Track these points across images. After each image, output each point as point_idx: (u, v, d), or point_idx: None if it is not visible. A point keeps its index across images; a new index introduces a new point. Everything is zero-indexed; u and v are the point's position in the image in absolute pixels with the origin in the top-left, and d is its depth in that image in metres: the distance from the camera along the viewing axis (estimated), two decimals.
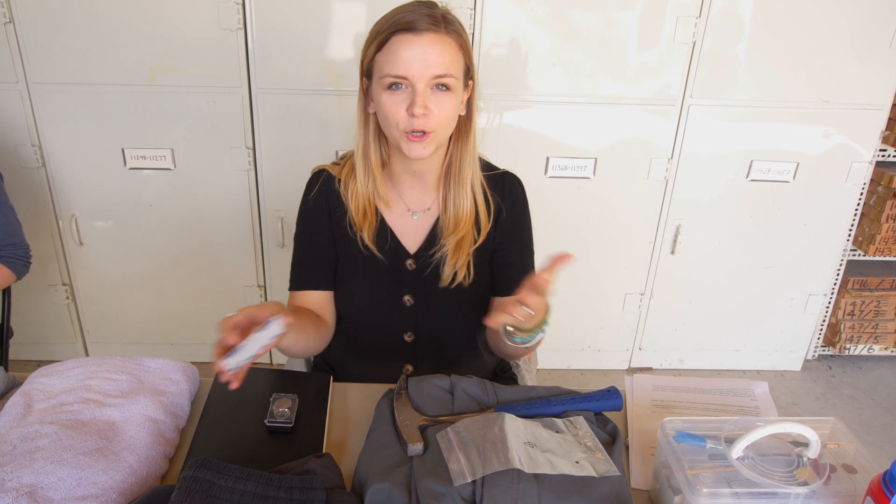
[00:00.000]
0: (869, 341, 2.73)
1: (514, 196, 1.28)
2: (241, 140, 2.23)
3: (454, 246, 1.21)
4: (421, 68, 1.05)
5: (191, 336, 2.55)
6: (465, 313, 1.28)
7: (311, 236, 1.26)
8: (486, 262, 1.27)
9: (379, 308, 1.28)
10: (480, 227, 1.23)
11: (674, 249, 2.47)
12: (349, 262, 1.26)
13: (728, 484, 0.84)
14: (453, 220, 1.22)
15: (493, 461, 0.86)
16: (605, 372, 2.71)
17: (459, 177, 1.20)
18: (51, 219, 2.33)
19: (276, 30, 2.07)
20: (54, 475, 0.83)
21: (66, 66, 2.10)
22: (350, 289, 1.28)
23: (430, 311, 1.28)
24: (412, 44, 1.05)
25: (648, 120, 2.26)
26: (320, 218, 1.26)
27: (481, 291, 1.28)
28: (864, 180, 2.41)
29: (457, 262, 1.22)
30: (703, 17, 2.12)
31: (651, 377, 1.20)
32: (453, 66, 1.08)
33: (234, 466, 0.82)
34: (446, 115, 1.10)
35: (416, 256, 1.25)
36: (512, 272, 1.27)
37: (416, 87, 1.06)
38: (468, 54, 1.13)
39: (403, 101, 1.08)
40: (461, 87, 1.12)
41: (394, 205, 1.25)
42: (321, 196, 1.25)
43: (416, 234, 1.26)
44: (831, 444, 0.94)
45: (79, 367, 1.08)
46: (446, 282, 1.23)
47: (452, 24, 1.09)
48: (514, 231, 1.28)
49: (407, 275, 1.26)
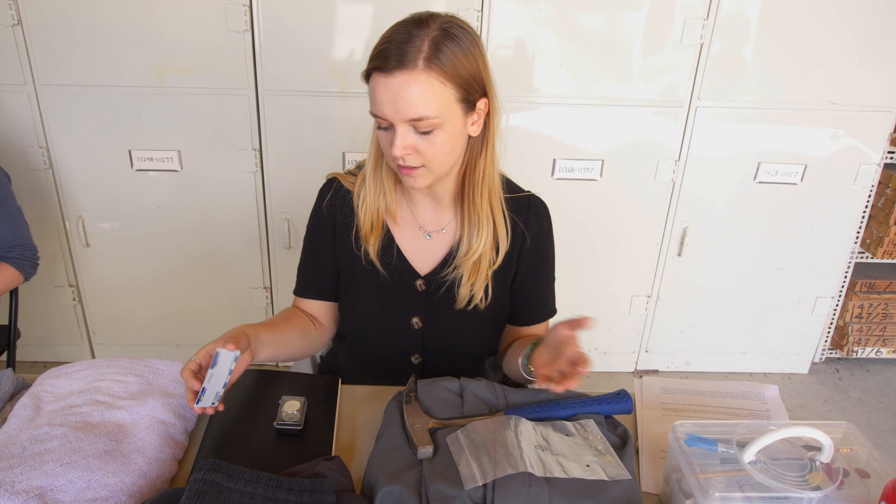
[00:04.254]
0: (877, 344, 2.71)
1: (539, 224, 1.22)
2: (248, 142, 2.23)
3: (471, 268, 1.17)
4: (393, 112, 0.99)
5: (197, 338, 2.55)
6: (476, 337, 1.26)
7: (315, 247, 1.25)
8: (505, 287, 1.23)
9: (384, 329, 1.25)
10: (499, 249, 1.18)
11: (681, 251, 2.47)
12: (352, 278, 1.24)
13: (740, 488, 0.84)
14: (468, 242, 1.16)
15: (503, 464, 0.85)
16: (612, 374, 2.70)
17: (473, 196, 1.14)
18: (57, 220, 2.33)
19: (283, 31, 2.08)
20: (64, 477, 0.83)
21: (74, 68, 2.10)
22: (352, 306, 1.26)
23: (440, 334, 1.25)
24: (384, 85, 0.98)
25: (656, 122, 2.26)
26: (325, 231, 1.23)
27: (496, 316, 1.26)
28: (873, 182, 2.40)
29: (474, 284, 1.18)
30: (710, 18, 2.11)
31: (660, 380, 1.20)
32: (432, 105, 0.99)
33: (244, 469, 0.82)
34: (436, 152, 1.04)
35: (428, 278, 1.21)
36: (532, 303, 1.27)
37: (396, 128, 1.01)
38: (463, 80, 1.01)
39: (389, 138, 1.03)
40: (456, 117, 1.03)
41: (405, 223, 1.21)
42: (329, 208, 1.22)
43: (429, 254, 1.22)
44: (844, 449, 0.93)
45: (87, 368, 1.08)
46: (462, 303, 1.20)
47: (441, 52, 0.98)
48: (538, 261, 1.24)
49: (416, 296, 1.22)
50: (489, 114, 1.10)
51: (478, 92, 1.06)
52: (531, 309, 1.27)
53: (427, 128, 1.01)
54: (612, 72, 2.18)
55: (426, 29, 0.99)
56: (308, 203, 1.27)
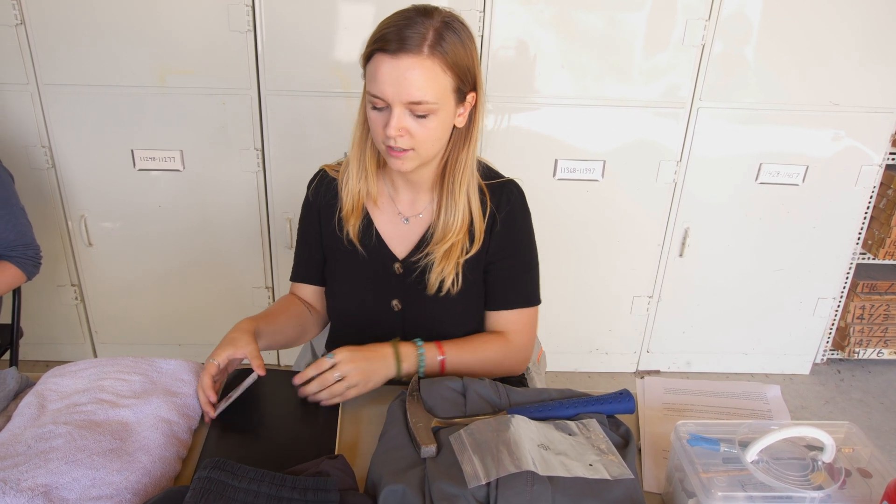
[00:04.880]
0: (878, 345, 2.71)
1: (509, 206, 1.23)
2: (250, 141, 2.23)
3: (442, 255, 1.19)
4: (395, 93, 1.03)
5: (199, 337, 2.56)
6: (454, 322, 1.26)
7: (304, 234, 1.32)
8: (479, 273, 1.25)
9: (366, 311, 1.28)
10: (475, 236, 1.20)
11: (682, 252, 2.47)
12: (334, 260, 1.29)
13: (742, 488, 0.84)
14: (442, 229, 1.19)
15: (506, 463, 0.86)
16: (613, 375, 2.70)
17: (453, 185, 1.18)
18: (60, 219, 2.33)
19: (286, 32, 2.08)
20: (69, 475, 0.84)
21: (77, 68, 2.11)
22: (335, 289, 1.30)
23: (419, 317, 1.27)
24: (388, 66, 1.02)
25: (657, 122, 2.26)
26: (311, 217, 1.30)
27: (471, 301, 1.26)
28: (874, 183, 2.40)
29: (443, 270, 1.19)
30: (712, 19, 2.11)
31: (662, 380, 1.20)
32: (432, 91, 1.04)
33: (248, 467, 0.82)
34: (427, 137, 1.08)
35: (404, 261, 1.24)
36: (503, 287, 1.26)
37: (393, 108, 1.04)
38: (461, 71, 1.07)
39: (383, 119, 1.07)
40: (449, 106, 1.08)
41: (385, 207, 1.25)
42: (314, 194, 1.29)
43: (405, 239, 1.25)
44: (846, 448, 0.93)
45: (91, 367, 1.08)
46: (432, 289, 1.22)
47: (443, 42, 1.03)
48: (507, 244, 1.24)
49: (394, 279, 1.25)
50: (475, 108, 1.15)
51: (469, 85, 1.11)
52: (503, 292, 1.26)
53: (423, 112, 1.05)
54: (614, 72, 2.18)
55: (430, 19, 1.04)
56: None
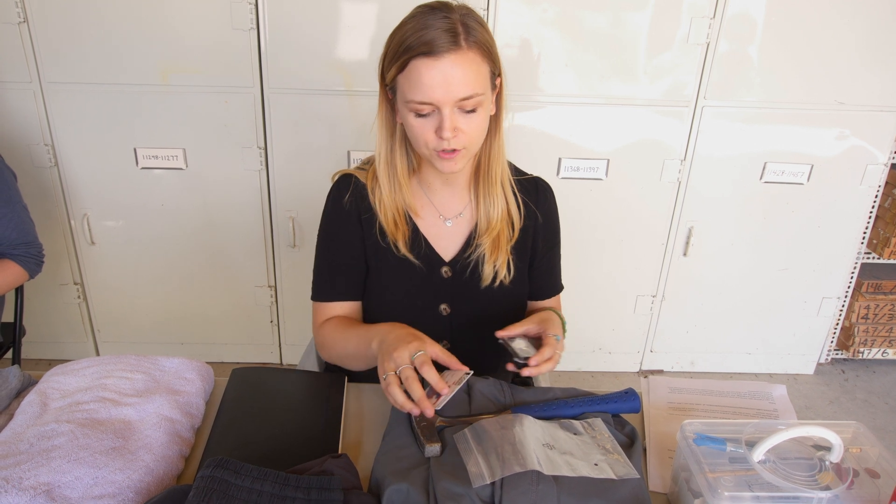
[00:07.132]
0: (883, 345, 2.70)
1: (548, 204, 1.28)
2: (253, 140, 2.23)
3: (491, 244, 1.21)
4: (444, 94, 1.01)
5: (201, 336, 2.55)
6: (502, 315, 1.25)
7: (341, 244, 1.22)
8: (524, 260, 1.28)
9: (413, 318, 1.22)
10: (514, 224, 1.23)
11: (686, 251, 2.46)
12: (381, 271, 1.23)
13: (749, 488, 0.83)
14: (486, 220, 1.21)
15: (511, 463, 0.85)
16: (616, 374, 2.69)
17: (490, 176, 1.19)
18: (63, 218, 2.33)
19: (289, 30, 2.07)
20: (71, 474, 0.83)
21: (80, 66, 2.11)
22: (383, 299, 1.25)
23: (467, 318, 1.26)
24: (433, 69, 1.00)
25: (661, 121, 2.25)
26: (350, 225, 1.21)
27: (521, 291, 1.29)
28: (879, 182, 2.39)
29: (496, 260, 1.21)
30: (717, 18, 2.10)
31: (667, 379, 1.19)
32: (478, 82, 1.03)
33: (251, 466, 0.82)
34: (477, 131, 1.08)
35: (452, 263, 1.23)
36: (548, 278, 1.33)
37: (443, 111, 1.03)
38: (493, 57, 1.07)
39: (431, 124, 1.05)
40: (489, 94, 1.08)
41: (425, 213, 1.23)
42: (352, 203, 1.21)
43: (450, 241, 1.24)
44: (854, 448, 0.92)
45: (94, 365, 1.07)
46: (487, 280, 1.22)
47: (472, 31, 1.02)
48: (550, 237, 1.30)
49: (443, 283, 1.23)
50: (499, 93, 1.14)
51: (498, 69, 1.11)
52: (546, 284, 1.34)
53: (472, 106, 1.04)
54: (618, 71, 2.17)
55: (454, 13, 1.03)
56: (313, 201, 1.27)
